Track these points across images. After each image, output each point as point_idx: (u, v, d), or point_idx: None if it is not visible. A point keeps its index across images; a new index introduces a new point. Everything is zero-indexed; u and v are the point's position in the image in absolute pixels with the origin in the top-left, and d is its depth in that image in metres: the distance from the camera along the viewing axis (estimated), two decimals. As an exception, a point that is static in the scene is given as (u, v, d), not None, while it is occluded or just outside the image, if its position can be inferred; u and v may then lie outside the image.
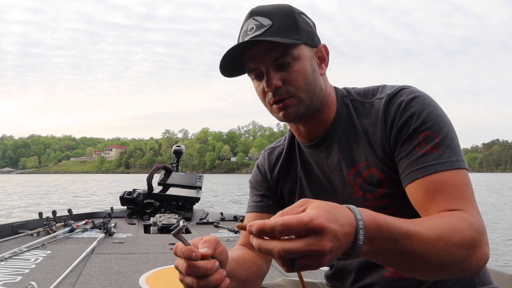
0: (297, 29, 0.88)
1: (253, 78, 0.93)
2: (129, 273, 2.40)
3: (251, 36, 0.87)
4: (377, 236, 0.62)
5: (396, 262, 0.68)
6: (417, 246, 0.66)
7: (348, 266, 1.00)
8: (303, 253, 0.56)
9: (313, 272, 2.47)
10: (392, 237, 0.64)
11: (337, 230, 0.57)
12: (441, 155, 0.81)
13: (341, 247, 0.58)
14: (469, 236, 0.71)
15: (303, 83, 0.89)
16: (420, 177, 0.81)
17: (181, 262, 0.70)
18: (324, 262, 0.58)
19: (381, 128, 0.89)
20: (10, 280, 2.19)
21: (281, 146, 1.10)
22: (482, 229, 0.74)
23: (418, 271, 0.71)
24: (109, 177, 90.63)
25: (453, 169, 0.81)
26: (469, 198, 0.79)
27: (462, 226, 0.72)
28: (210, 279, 0.69)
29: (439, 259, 0.68)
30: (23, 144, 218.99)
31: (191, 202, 4.82)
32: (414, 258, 0.67)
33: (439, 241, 0.68)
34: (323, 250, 0.56)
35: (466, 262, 0.71)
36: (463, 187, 0.80)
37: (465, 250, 0.70)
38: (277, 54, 0.86)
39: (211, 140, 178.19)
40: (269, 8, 0.89)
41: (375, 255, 0.65)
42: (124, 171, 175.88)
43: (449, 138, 0.83)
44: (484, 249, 0.73)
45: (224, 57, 0.88)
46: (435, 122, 0.84)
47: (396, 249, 0.65)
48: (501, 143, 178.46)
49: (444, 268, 0.69)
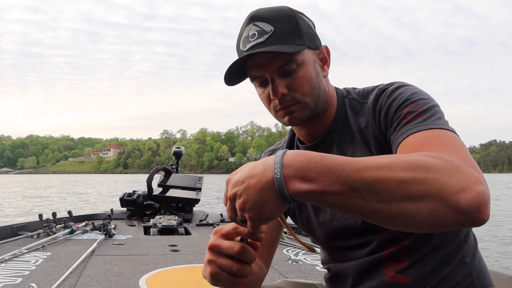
0: (299, 33, 0.87)
1: (257, 85, 0.93)
2: (129, 275, 2.40)
3: (253, 43, 0.86)
4: (310, 168, 0.59)
5: (351, 200, 0.59)
6: (368, 174, 0.58)
7: (346, 270, 0.99)
8: (228, 206, 0.66)
9: (313, 274, 2.49)
10: (332, 168, 0.59)
11: (239, 176, 0.64)
12: (425, 120, 0.78)
13: (252, 187, 0.62)
14: (438, 162, 0.60)
15: (308, 88, 0.89)
16: (401, 140, 0.78)
17: (234, 244, 0.70)
18: (242, 206, 0.63)
19: (371, 120, 0.89)
20: (10, 281, 2.20)
21: (280, 148, 1.11)
22: (458, 161, 0.62)
23: (384, 208, 0.59)
24: (107, 177, 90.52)
25: (437, 129, 0.75)
26: (456, 146, 0.69)
27: (427, 155, 0.62)
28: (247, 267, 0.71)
29: (401, 186, 0.58)
30: (21, 144, 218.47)
31: (191, 203, 4.83)
32: (369, 189, 0.58)
33: (395, 166, 0.59)
34: (230, 196, 0.65)
35: (445, 191, 0.57)
36: (448, 138, 0.72)
37: (434, 175, 0.58)
38: (282, 62, 0.86)
39: (209, 140, 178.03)
40: (270, 12, 0.87)
41: (321, 195, 0.59)
42: (122, 171, 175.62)
43: (435, 109, 0.80)
44: (471, 180, 0.59)
45: (229, 69, 0.87)
46: (420, 98, 0.83)
47: (343, 181, 0.58)
48: (499, 144, 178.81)
49: (415, 199, 0.58)
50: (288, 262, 2.77)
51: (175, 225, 4.01)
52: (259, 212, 0.63)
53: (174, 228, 4.00)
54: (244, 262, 0.71)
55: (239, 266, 0.70)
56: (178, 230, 4.03)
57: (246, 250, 0.70)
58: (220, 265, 0.71)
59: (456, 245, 0.92)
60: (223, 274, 0.71)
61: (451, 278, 0.88)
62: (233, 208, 0.66)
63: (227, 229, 0.72)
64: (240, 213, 0.65)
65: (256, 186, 0.62)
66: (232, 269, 0.70)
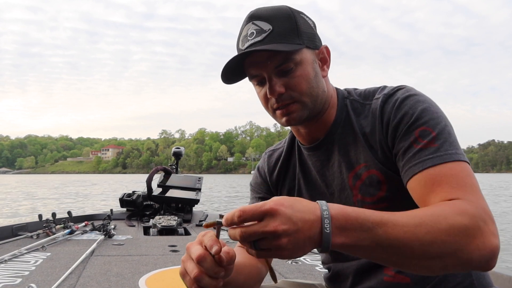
0: (298, 32, 0.87)
1: (255, 84, 0.93)
2: (129, 275, 2.40)
3: (251, 42, 0.86)
4: (347, 225, 0.64)
5: (376, 253, 0.66)
6: (394, 234, 0.64)
7: (346, 269, 0.99)
8: (259, 234, 0.61)
9: (312, 274, 2.49)
10: (364, 226, 0.64)
11: (291, 214, 0.62)
12: (438, 148, 0.79)
13: (302, 233, 0.62)
14: (459, 222, 0.66)
15: (306, 87, 0.88)
16: (417, 172, 0.79)
17: (199, 248, 0.67)
18: (283, 245, 0.61)
19: (378, 129, 0.88)
20: (10, 282, 2.19)
21: (280, 148, 1.10)
22: (482, 216, 0.69)
23: (403, 262, 0.67)
24: (106, 177, 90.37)
25: (451, 161, 0.77)
26: (471, 186, 0.74)
27: (451, 212, 0.68)
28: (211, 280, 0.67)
29: (423, 247, 0.65)
30: (19, 144, 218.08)
31: (191, 204, 4.82)
32: (393, 247, 0.65)
33: (419, 228, 0.65)
34: (275, 231, 0.60)
35: (462, 252, 0.66)
36: (463, 176, 0.76)
37: (455, 238, 0.65)
38: (279, 61, 0.85)
39: (208, 140, 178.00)
40: (269, 11, 0.87)
41: (352, 247, 0.65)
42: (121, 171, 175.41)
43: (446, 132, 0.81)
44: (487, 238, 0.67)
45: (225, 66, 0.87)
46: (430, 117, 0.82)
47: (372, 238, 0.64)
48: (497, 144, 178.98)
49: (433, 258, 0.66)
50: (288, 262, 2.77)
51: (175, 226, 4.01)
52: (291, 254, 0.63)
53: (174, 228, 4.00)
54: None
55: (198, 273, 0.66)
56: (177, 231, 4.02)
57: (206, 260, 0.65)
58: (186, 267, 0.69)
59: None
60: (186, 276, 0.68)
61: (450, 278, 0.89)
62: (262, 234, 0.61)
63: (208, 238, 0.67)
64: (268, 244, 0.62)
65: (306, 233, 0.63)
66: (191, 273, 0.67)
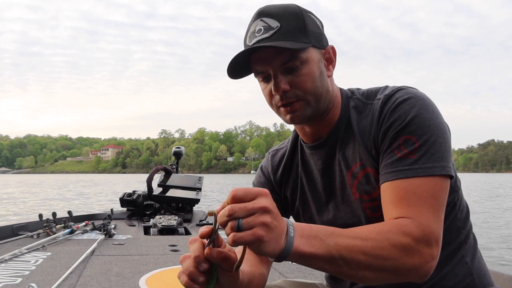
0: (305, 31, 0.87)
1: (260, 80, 0.93)
2: (129, 275, 2.40)
3: (259, 38, 0.86)
4: (304, 233, 0.70)
5: (329, 265, 0.72)
6: (344, 246, 0.71)
7: None
8: (249, 209, 0.63)
9: (313, 273, 2.49)
10: (317, 237, 0.70)
11: (276, 213, 0.66)
12: (416, 160, 0.81)
13: (280, 225, 0.66)
14: (402, 242, 0.73)
15: (311, 86, 0.89)
16: (389, 180, 0.82)
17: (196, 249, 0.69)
18: (267, 222, 0.63)
19: (375, 128, 0.89)
20: (10, 281, 2.19)
21: (284, 148, 1.11)
22: (426, 239, 0.75)
23: (352, 274, 0.73)
24: (106, 177, 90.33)
25: (424, 176, 0.80)
26: (427, 207, 0.78)
27: (396, 232, 0.74)
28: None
29: (368, 261, 0.72)
30: (19, 144, 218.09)
31: (191, 203, 4.83)
32: (343, 259, 0.71)
33: (366, 242, 0.72)
34: (266, 206, 0.64)
35: (400, 269, 0.74)
36: (426, 196, 0.79)
37: (395, 256, 0.73)
38: (285, 58, 0.86)
39: (207, 140, 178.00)
40: (277, 9, 0.87)
41: (308, 255, 0.69)
42: (120, 171, 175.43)
43: (430, 143, 0.81)
44: (424, 260, 0.74)
45: (232, 61, 0.88)
46: (419, 126, 0.82)
47: (325, 248, 0.70)
48: (497, 144, 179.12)
49: (376, 270, 0.73)
50: (288, 262, 2.77)
51: (175, 225, 4.02)
52: (269, 238, 0.64)
53: (174, 228, 4.00)
54: None
55: (193, 271, 0.67)
56: (178, 230, 4.03)
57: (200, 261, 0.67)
58: (182, 266, 0.70)
59: (457, 245, 0.93)
60: (182, 275, 0.69)
61: (451, 277, 0.90)
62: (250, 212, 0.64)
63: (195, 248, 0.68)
64: (254, 221, 0.63)
65: (281, 229, 0.67)
66: (187, 270, 0.68)
